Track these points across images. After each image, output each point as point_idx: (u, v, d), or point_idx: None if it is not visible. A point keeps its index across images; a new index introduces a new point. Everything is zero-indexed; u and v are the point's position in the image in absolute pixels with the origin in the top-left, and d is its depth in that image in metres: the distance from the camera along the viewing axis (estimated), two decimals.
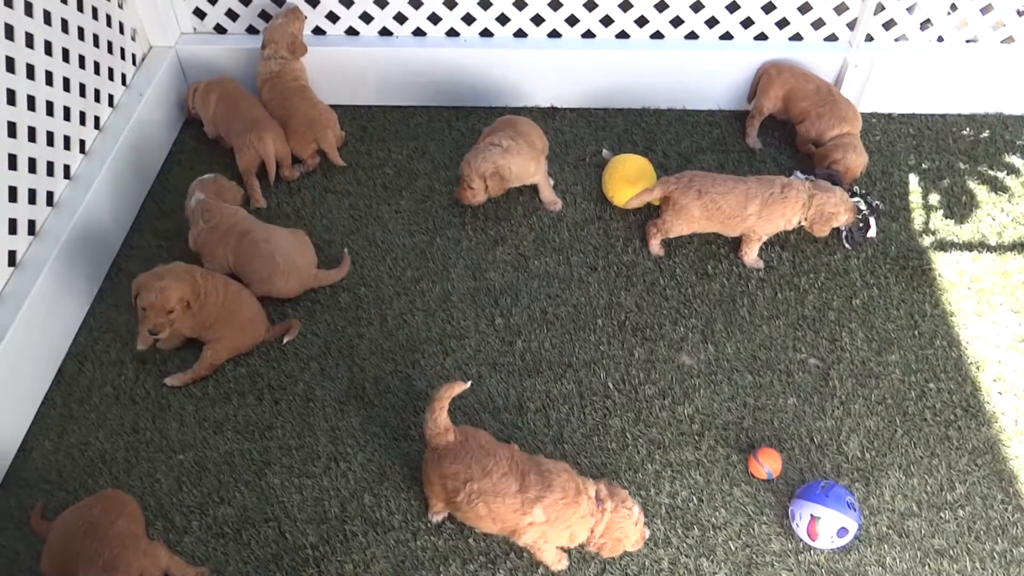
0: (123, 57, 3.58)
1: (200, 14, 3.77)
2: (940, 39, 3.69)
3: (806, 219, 3.15)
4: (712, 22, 3.70)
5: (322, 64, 3.77)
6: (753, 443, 2.81)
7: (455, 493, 2.35)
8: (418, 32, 3.79)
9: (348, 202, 3.53)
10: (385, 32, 3.80)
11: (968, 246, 3.35)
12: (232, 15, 3.79)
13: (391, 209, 3.50)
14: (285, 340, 3.06)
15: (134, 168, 3.48)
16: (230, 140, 3.51)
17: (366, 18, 3.76)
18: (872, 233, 3.31)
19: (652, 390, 2.94)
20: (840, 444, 2.81)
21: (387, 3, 3.70)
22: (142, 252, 3.35)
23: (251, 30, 3.82)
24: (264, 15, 3.77)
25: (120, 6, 3.56)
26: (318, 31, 3.82)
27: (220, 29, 3.83)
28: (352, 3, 3.71)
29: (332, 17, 3.77)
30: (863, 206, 3.27)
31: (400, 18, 3.76)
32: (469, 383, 2.49)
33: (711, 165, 3.62)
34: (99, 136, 3.36)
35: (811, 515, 2.51)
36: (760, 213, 3.11)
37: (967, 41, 3.68)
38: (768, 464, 2.72)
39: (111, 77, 3.48)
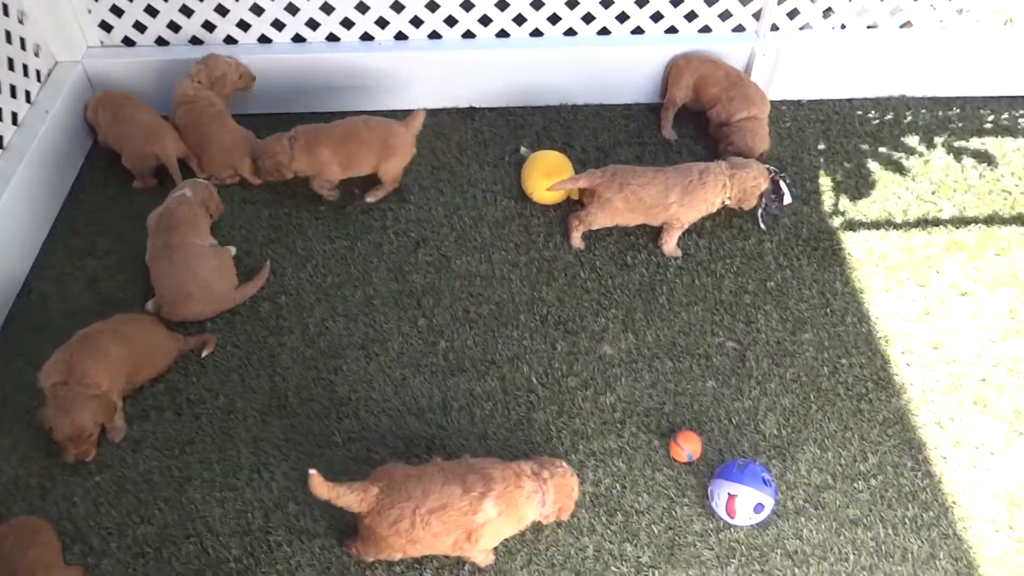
0: (26, 74, 3.51)
1: (106, 27, 3.72)
2: (843, 26, 3.81)
3: (730, 198, 3.22)
4: (623, 17, 3.78)
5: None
6: (674, 427, 2.87)
7: (409, 529, 2.30)
8: (331, 37, 3.79)
9: (268, 212, 3.52)
10: (299, 38, 3.79)
11: (875, 225, 3.46)
12: (140, 27, 3.75)
13: (311, 216, 3.50)
14: (204, 354, 3.03)
15: (43, 188, 3.41)
16: (120, 148, 3.48)
17: (278, 25, 3.75)
18: (788, 200, 3.38)
19: (575, 382, 2.99)
20: (757, 423, 2.89)
21: (298, 9, 3.68)
22: (53, 272, 3.29)
23: (160, 41, 3.78)
24: (173, 25, 3.73)
25: (20, 21, 3.50)
26: (230, 40, 3.79)
27: (128, 42, 3.78)
28: (263, 11, 3.69)
29: (243, 25, 3.74)
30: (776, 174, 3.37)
31: (312, 24, 3.75)
32: (313, 472, 2.28)
33: (628, 158, 3.69)
34: (2, 156, 3.29)
35: (728, 493, 2.58)
36: (682, 201, 3.18)
37: (868, 27, 3.80)
38: (688, 447, 2.78)
39: (14, 95, 3.41)
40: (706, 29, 3.82)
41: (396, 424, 2.87)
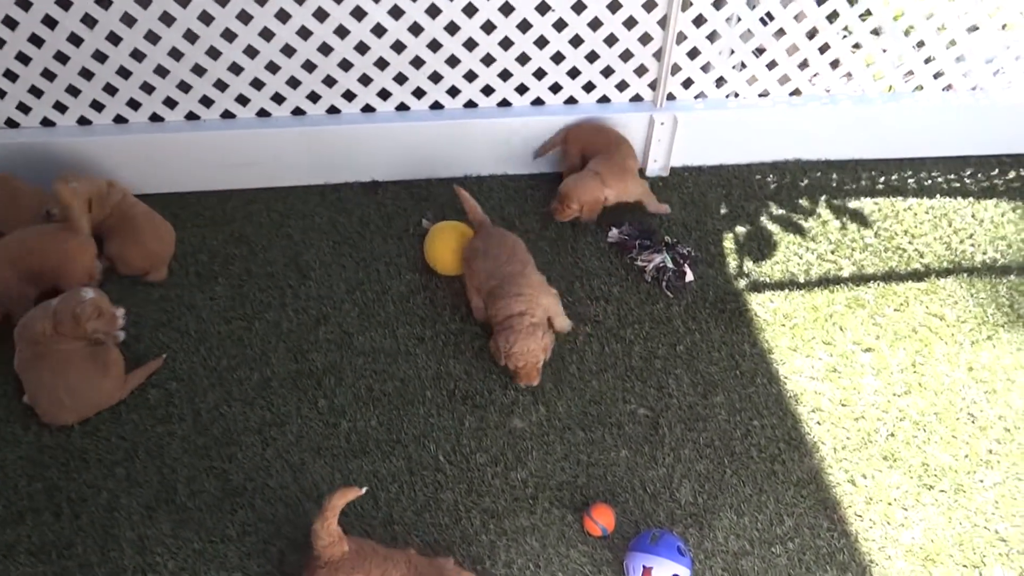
0: None
1: None
2: (736, 95, 3.98)
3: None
4: (522, 89, 3.86)
5: (128, 152, 3.70)
6: (588, 500, 2.84)
7: None
8: (227, 114, 3.76)
9: (158, 293, 3.42)
10: (192, 116, 3.75)
11: (779, 285, 3.56)
12: (24, 108, 3.66)
13: (205, 297, 3.42)
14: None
15: None
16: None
17: (170, 103, 3.71)
18: (690, 278, 3.48)
19: (484, 458, 2.94)
20: (672, 491, 2.88)
21: (191, 87, 3.66)
22: None
23: (46, 122, 3.69)
24: (59, 106, 3.66)
25: None
26: (120, 120, 3.73)
27: (11, 123, 3.68)
28: (154, 89, 3.65)
29: (133, 104, 3.69)
30: (668, 259, 3.49)
31: (206, 101, 3.72)
32: (364, 489, 2.42)
33: (534, 227, 3.73)
34: None
35: (643, 566, 2.54)
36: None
37: (760, 95, 3.98)
38: (602, 521, 2.74)
39: None
40: (605, 99, 3.93)
41: (294, 512, 2.76)
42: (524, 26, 3.63)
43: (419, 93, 3.80)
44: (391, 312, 3.40)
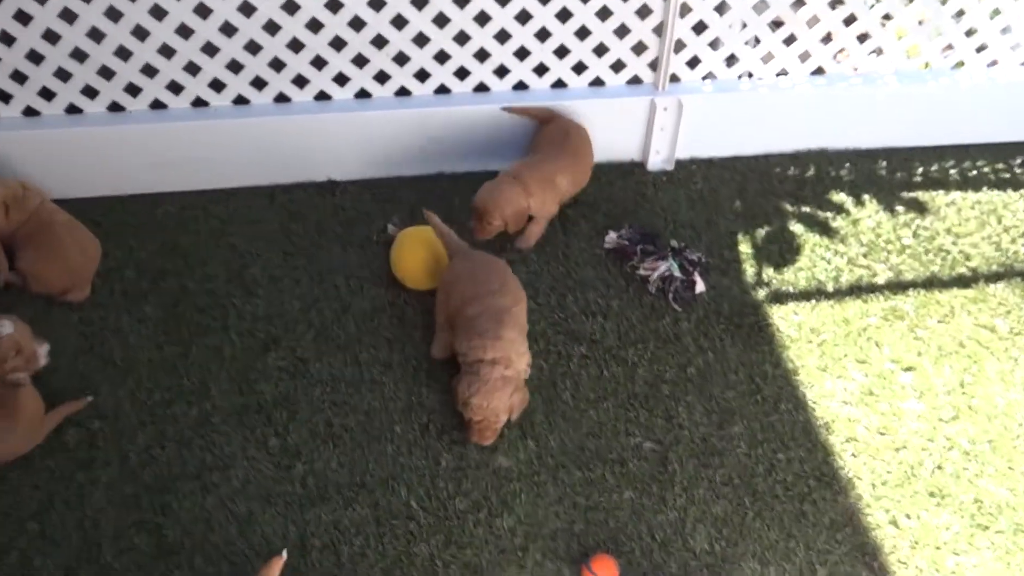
0: None
1: None
2: (750, 75, 3.98)
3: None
4: (502, 71, 3.85)
5: (39, 149, 3.66)
6: (586, 551, 2.81)
7: None
8: (157, 104, 3.73)
9: (77, 316, 3.39)
10: (116, 107, 3.71)
11: (805, 295, 3.55)
12: None
13: (133, 319, 3.38)
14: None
15: None
16: None
17: (90, 92, 3.66)
18: (701, 289, 3.47)
19: (464, 503, 2.92)
20: (686, 538, 2.86)
21: (114, 73, 3.62)
22: None
23: None
24: None
25: None
26: (30, 112, 3.68)
27: None
28: (70, 76, 3.60)
29: (46, 94, 3.64)
30: (675, 267, 3.47)
31: (132, 89, 3.68)
32: (284, 554, 2.42)
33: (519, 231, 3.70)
34: None
35: None
36: None
37: (777, 75, 3.99)
38: (604, 574, 2.71)
39: None
40: (598, 82, 3.92)
41: (241, 572, 2.72)
42: None
43: (382, 78, 3.79)
44: (352, 334, 3.36)
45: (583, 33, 3.75)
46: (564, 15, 3.68)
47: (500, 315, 3.03)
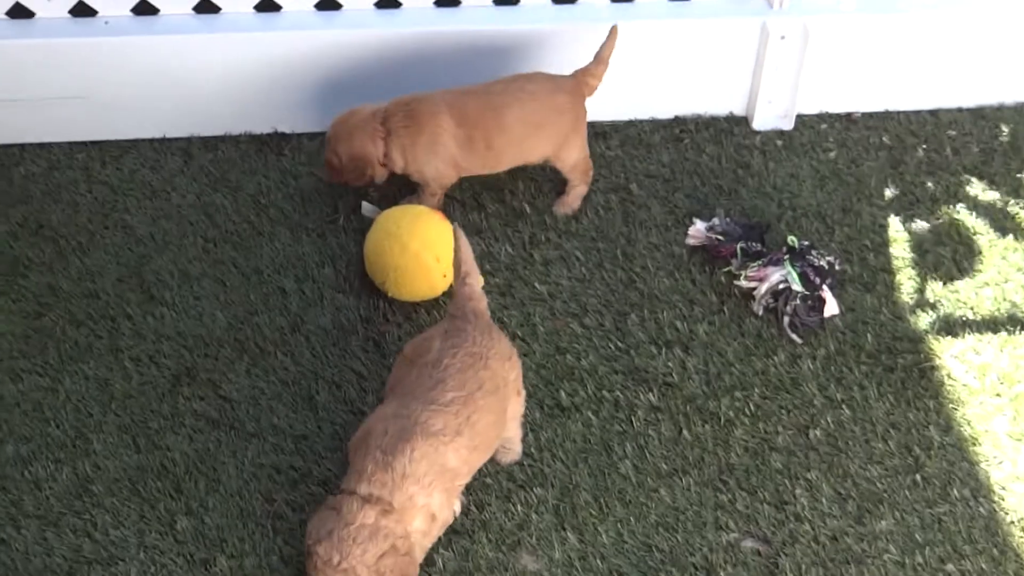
0: None
1: None
2: None
3: None
4: None
5: None
6: None
7: None
8: (19, 10, 3.66)
9: None
10: None
11: (990, 324, 3.42)
12: None
13: None
14: None
15: None
16: None
17: None
18: (834, 311, 3.32)
19: None
20: None
21: None
22: None
23: None
24: None
25: None
26: None
27: None
28: None
29: None
30: (795, 276, 3.33)
31: None
32: None
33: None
34: None
35: None
36: None
37: None
38: None
39: None
40: None
41: None
42: None
43: None
44: (307, 362, 3.26)
45: None
46: None
47: (412, 437, 2.76)
